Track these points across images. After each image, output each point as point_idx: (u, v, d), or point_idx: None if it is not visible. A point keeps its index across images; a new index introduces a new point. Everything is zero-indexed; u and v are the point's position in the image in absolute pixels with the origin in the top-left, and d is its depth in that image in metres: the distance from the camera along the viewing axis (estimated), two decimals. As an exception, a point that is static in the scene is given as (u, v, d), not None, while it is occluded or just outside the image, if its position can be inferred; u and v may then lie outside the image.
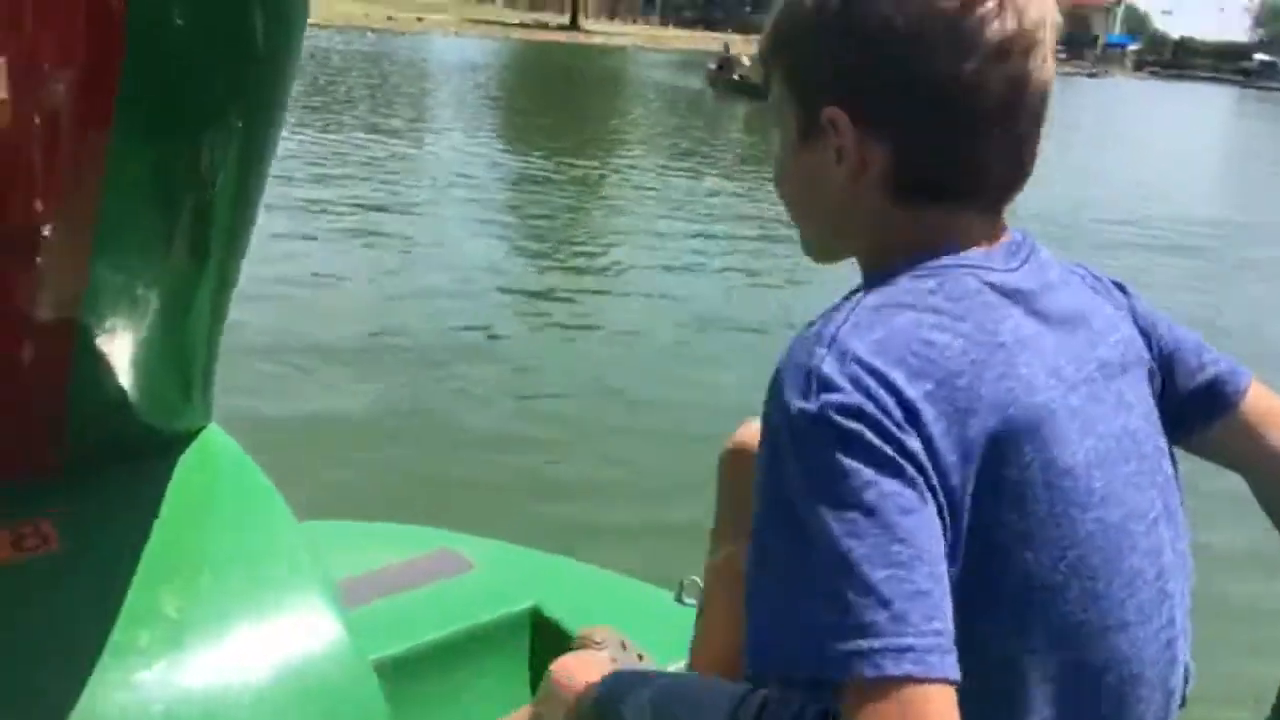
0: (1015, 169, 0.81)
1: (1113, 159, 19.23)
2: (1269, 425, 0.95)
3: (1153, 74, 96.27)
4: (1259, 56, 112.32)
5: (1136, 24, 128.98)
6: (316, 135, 12.17)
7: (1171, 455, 0.89)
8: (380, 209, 8.24)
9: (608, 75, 32.45)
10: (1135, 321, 0.92)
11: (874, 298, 0.78)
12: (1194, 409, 0.93)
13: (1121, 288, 0.94)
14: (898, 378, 0.71)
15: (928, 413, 0.71)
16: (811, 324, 0.77)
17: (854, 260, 0.89)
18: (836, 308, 0.78)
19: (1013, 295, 0.80)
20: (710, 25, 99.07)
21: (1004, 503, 0.73)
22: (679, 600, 1.88)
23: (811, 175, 0.85)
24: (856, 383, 0.70)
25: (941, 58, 0.76)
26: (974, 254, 0.81)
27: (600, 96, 23.67)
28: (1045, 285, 0.83)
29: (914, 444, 0.70)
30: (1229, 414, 0.94)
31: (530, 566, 2.03)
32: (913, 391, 0.71)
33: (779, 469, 0.70)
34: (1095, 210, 11.57)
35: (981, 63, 0.76)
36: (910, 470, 0.69)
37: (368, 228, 7.64)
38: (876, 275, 0.81)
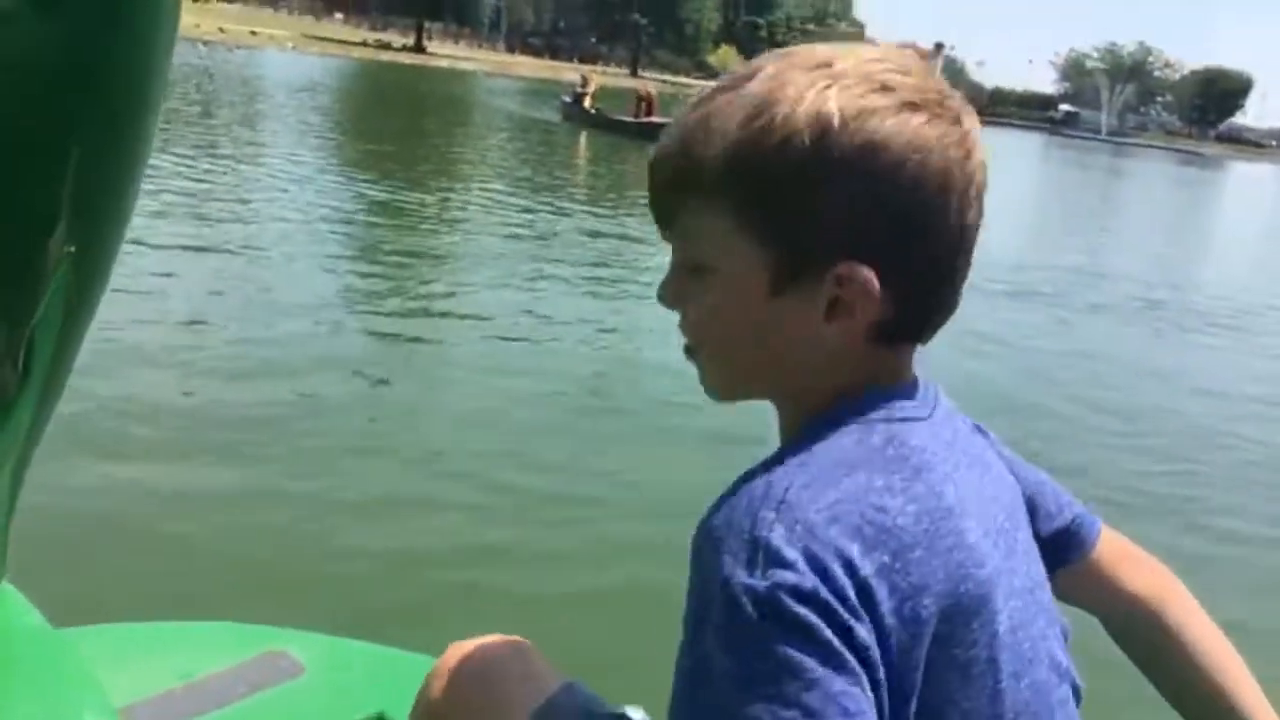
0: (955, 302, 0.80)
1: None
2: (1122, 570, 0.99)
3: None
4: (1064, 107, 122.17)
5: (954, 74, 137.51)
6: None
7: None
8: (207, 248, 7.62)
9: (457, 102, 32.11)
10: (1002, 459, 0.91)
11: (823, 453, 0.72)
12: (1052, 553, 0.92)
13: (980, 429, 0.91)
14: (853, 552, 0.66)
15: (881, 590, 0.66)
16: (747, 477, 0.71)
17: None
18: (778, 460, 0.73)
19: (945, 448, 0.77)
20: (555, 54, 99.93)
21: (952, 683, 0.71)
22: None
23: (779, 323, 0.76)
24: (811, 559, 0.65)
25: (952, 208, 0.74)
26: (907, 404, 0.78)
27: (454, 126, 23.10)
28: (954, 430, 0.82)
29: (864, 634, 0.65)
30: (1085, 558, 0.97)
31: (374, 665, 1.84)
32: (868, 567, 0.66)
33: (705, 648, 0.65)
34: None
35: (971, 206, 0.76)
36: (857, 666, 0.64)
37: (192, 266, 7.08)
38: (819, 420, 0.76)
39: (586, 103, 24.98)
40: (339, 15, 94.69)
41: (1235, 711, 0.92)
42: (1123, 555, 1.00)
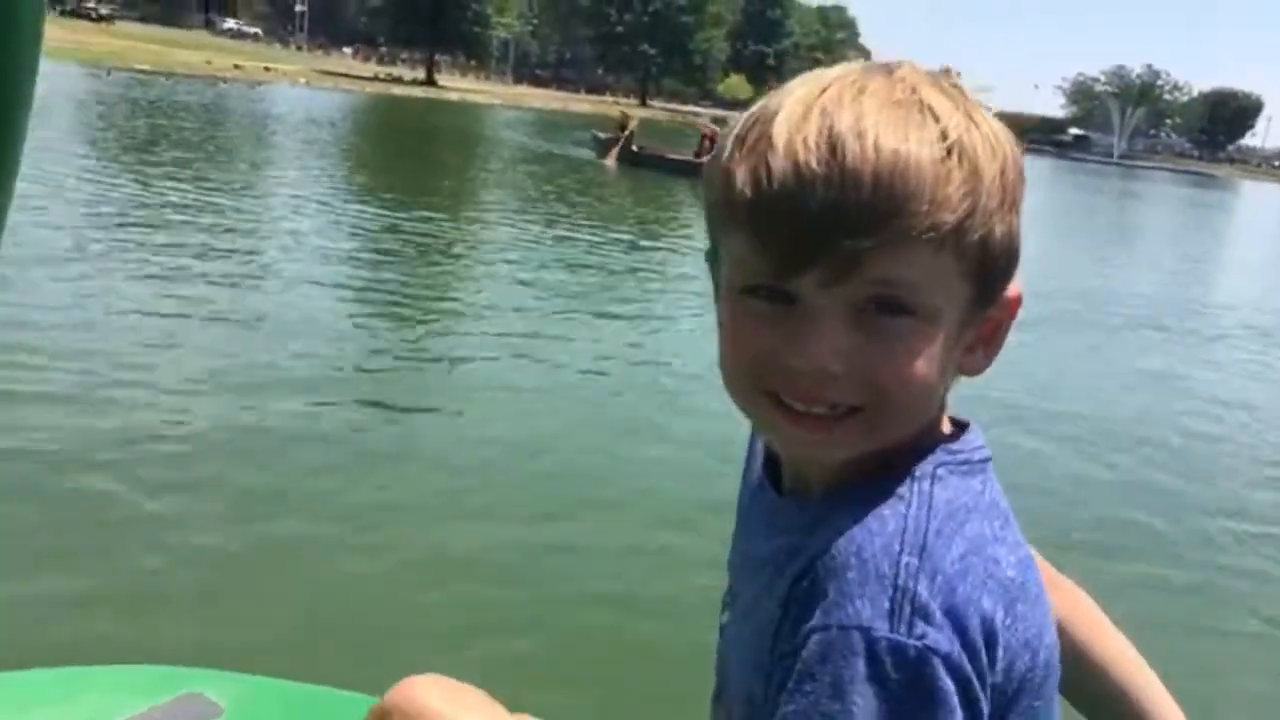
0: None
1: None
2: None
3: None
4: (1073, 130, 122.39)
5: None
6: (148, 188, 11.48)
7: None
8: (225, 282, 7.54)
9: (477, 137, 32.02)
10: None
11: (943, 494, 0.71)
12: None
13: None
14: (986, 608, 0.66)
15: (1002, 644, 0.67)
16: (874, 514, 0.69)
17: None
18: (893, 496, 0.70)
19: (999, 493, 0.77)
20: (562, 85, 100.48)
21: None
22: None
23: (952, 363, 0.74)
24: (954, 618, 0.64)
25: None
26: (975, 440, 0.78)
27: (480, 161, 22.85)
28: None
29: (984, 705, 0.65)
30: None
31: (292, 703, 1.82)
32: (997, 621, 0.67)
33: (818, 698, 0.63)
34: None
35: None
36: None
37: (208, 298, 6.96)
38: (907, 454, 0.73)
39: (626, 141, 23.70)
40: (347, 50, 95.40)
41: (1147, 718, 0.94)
42: (1049, 578, 0.99)
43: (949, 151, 0.68)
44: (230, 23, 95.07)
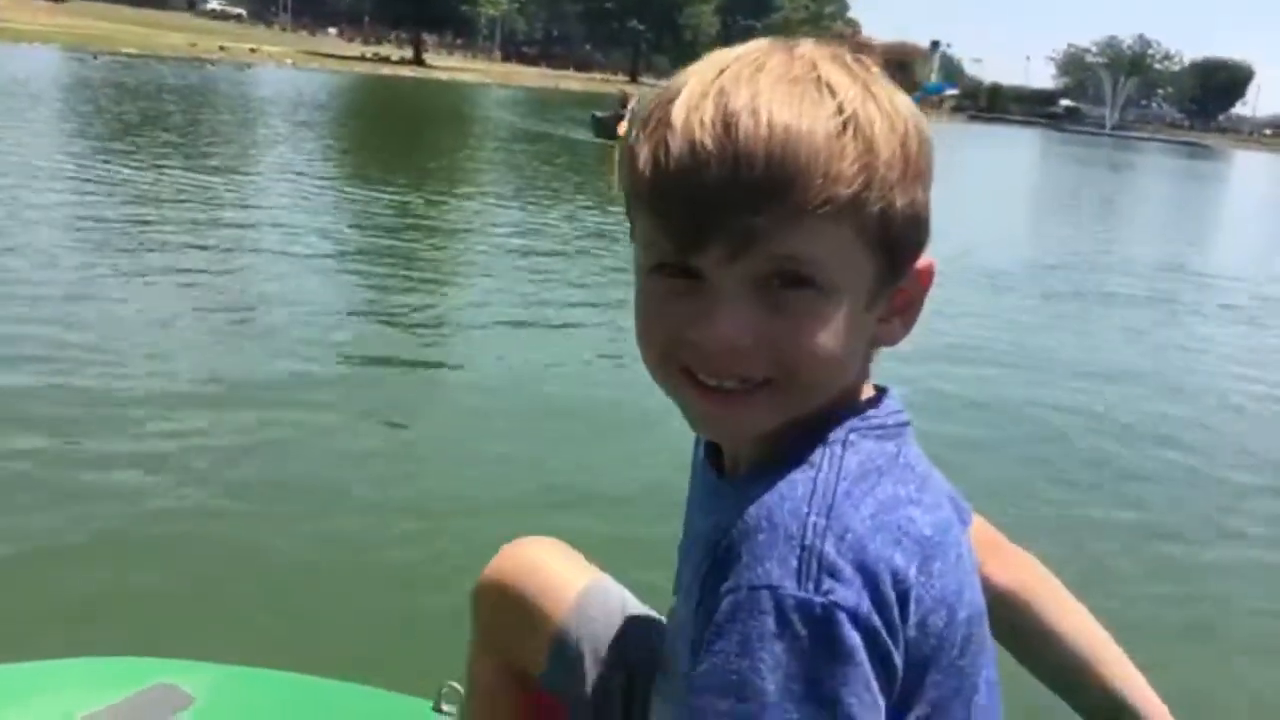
0: None
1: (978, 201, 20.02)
2: (992, 560, 0.98)
3: (972, 118, 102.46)
4: (1064, 102, 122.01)
5: (951, 71, 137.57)
6: (137, 172, 11.21)
7: None
8: (223, 266, 7.37)
9: (469, 116, 31.63)
10: None
11: (854, 457, 0.72)
12: None
13: None
14: (898, 563, 0.67)
15: (913, 603, 0.68)
16: (786, 479, 0.70)
17: None
18: (807, 460, 0.71)
19: (920, 457, 0.78)
20: (551, 62, 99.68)
21: (950, 697, 0.73)
22: (437, 709, 1.71)
23: (863, 335, 0.75)
24: (864, 573, 0.65)
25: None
26: (893, 405, 0.79)
27: (478, 142, 22.48)
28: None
29: (897, 659, 0.67)
30: None
31: (263, 691, 1.83)
32: (910, 576, 0.68)
33: (726, 654, 0.64)
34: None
35: None
36: (882, 700, 0.66)
37: (205, 282, 6.78)
38: (822, 421, 0.74)
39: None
40: (332, 30, 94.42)
41: (1104, 685, 0.96)
42: (991, 545, 1.00)
43: (844, 126, 0.68)
44: (213, 4, 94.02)
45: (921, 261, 0.76)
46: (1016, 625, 1.00)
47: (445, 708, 1.72)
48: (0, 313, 5.57)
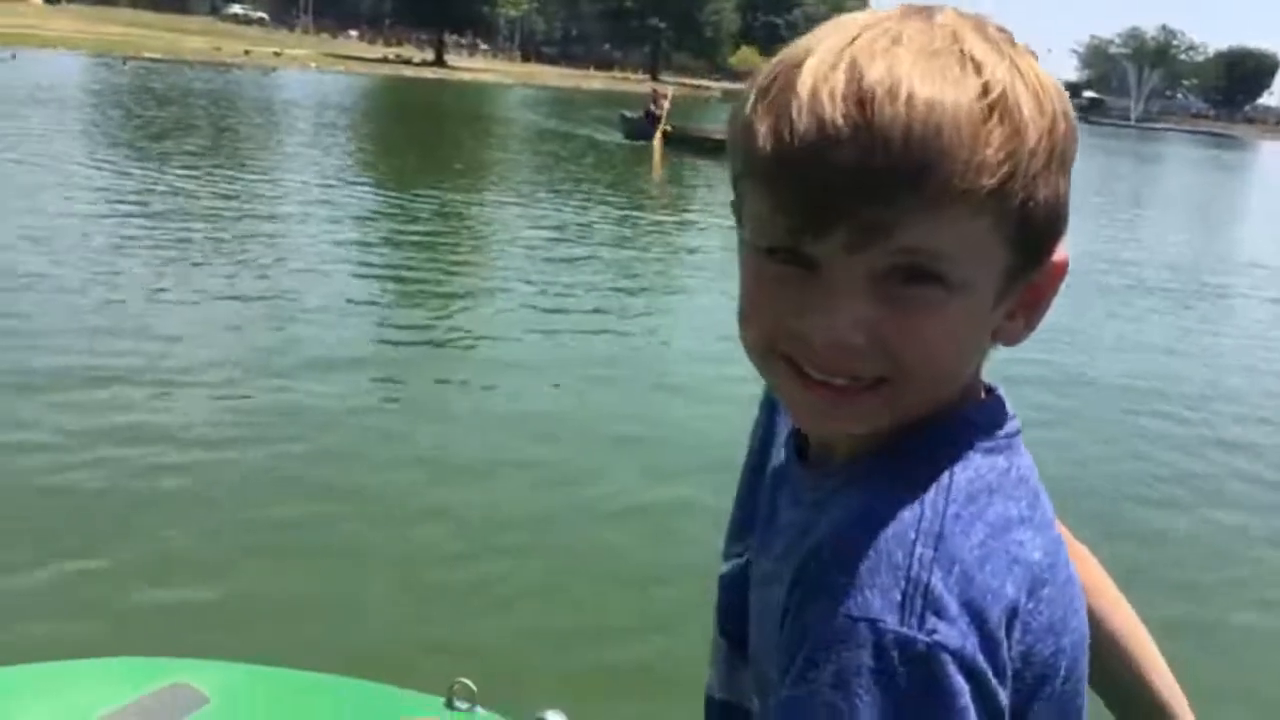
0: None
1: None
2: None
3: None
4: (1087, 94, 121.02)
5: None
6: (177, 175, 11.26)
7: None
8: (245, 295, 7.22)
9: (490, 118, 31.63)
10: None
11: (963, 474, 0.66)
12: None
13: None
14: (1009, 595, 0.62)
15: (1021, 629, 0.63)
16: (888, 494, 0.65)
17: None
18: (915, 477, 0.65)
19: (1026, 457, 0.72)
20: (570, 61, 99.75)
21: (1047, 713, 0.67)
22: (449, 706, 1.72)
23: (986, 335, 0.69)
24: (971, 610, 0.60)
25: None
26: (1005, 413, 0.72)
27: (496, 143, 22.59)
28: None
29: (1004, 700, 0.62)
30: None
31: (277, 689, 1.83)
32: (1020, 606, 0.63)
33: (819, 688, 0.60)
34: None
35: None
36: None
37: (239, 282, 6.79)
38: (934, 430, 0.68)
39: (662, 120, 22.07)
40: (353, 33, 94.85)
41: (1150, 696, 0.94)
42: None
43: (990, 108, 0.61)
44: (235, 8, 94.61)
45: (1057, 254, 0.68)
46: None
47: (457, 704, 1.72)
48: (38, 299, 5.67)
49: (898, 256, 0.62)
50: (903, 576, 0.60)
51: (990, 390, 0.73)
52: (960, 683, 0.59)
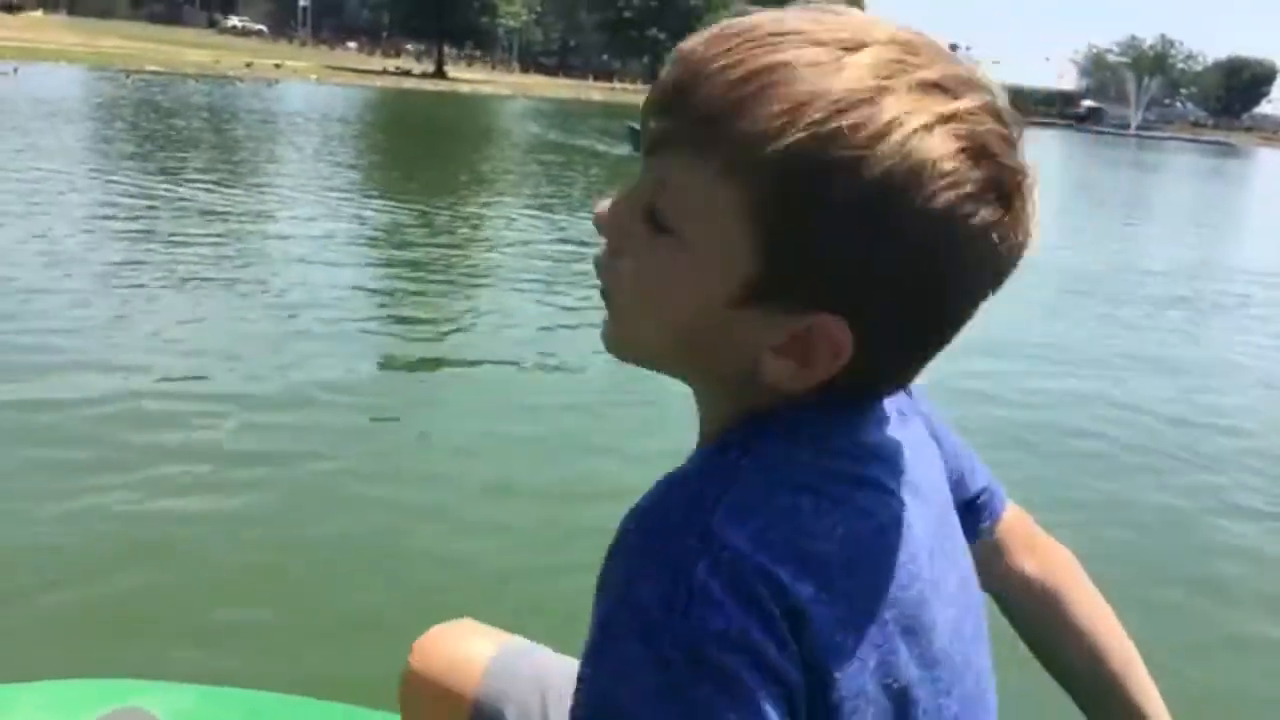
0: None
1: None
2: (1023, 549, 0.97)
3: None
4: (1086, 103, 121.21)
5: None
6: (178, 190, 11.05)
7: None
8: (256, 279, 7.19)
9: (493, 130, 31.50)
10: (927, 424, 0.83)
11: (751, 465, 0.65)
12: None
13: (916, 403, 0.83)
14: (784, 576, 0.61)
15: (816, 619, 0.62)
16: (670, 484, 0.65)
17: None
18: (701, 471, 0.66)
19: (879, 458, 0.70)
20: (568, 72, 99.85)
21: (889, 712, 0.66)
22: None
23: (722, 329, 0.66)
24: (738, 589, 0.59)
25: (973, 275, 0.63)
26: (844, 415, 0.70)
27: (500, 156, 22.49)
28: (899, 434, 0.73)
29: (793, 675, 0.61)
30: (990, 534, 0.94)
31: (231, 710, 1.80)
32: (802, 593, 0.61)
33: (606, 669, 0.60)
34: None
35: (993, 277, 0.64)
36: (779, 714, 0.60)
37: (246, 301, 6.61)
38: (748, 423, 0.68)
39: None
40: (352, 44, 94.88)
41: (1122, 695, 0.93)
42: (1025, 534, 0.99)
43: (799, 74, 0.59)
44: (234, 20, 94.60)
45: (836, 329, 0.63)
46: (1047, 626, 0.96)
47: None
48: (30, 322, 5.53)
49: (653, 181, 0.64)
50: (669, 565, 0.60)
51: (860, 400, 0.70)
52: (725, 656, 0.58)
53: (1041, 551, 0.98)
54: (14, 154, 12.89)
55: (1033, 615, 0.97)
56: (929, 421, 0.85)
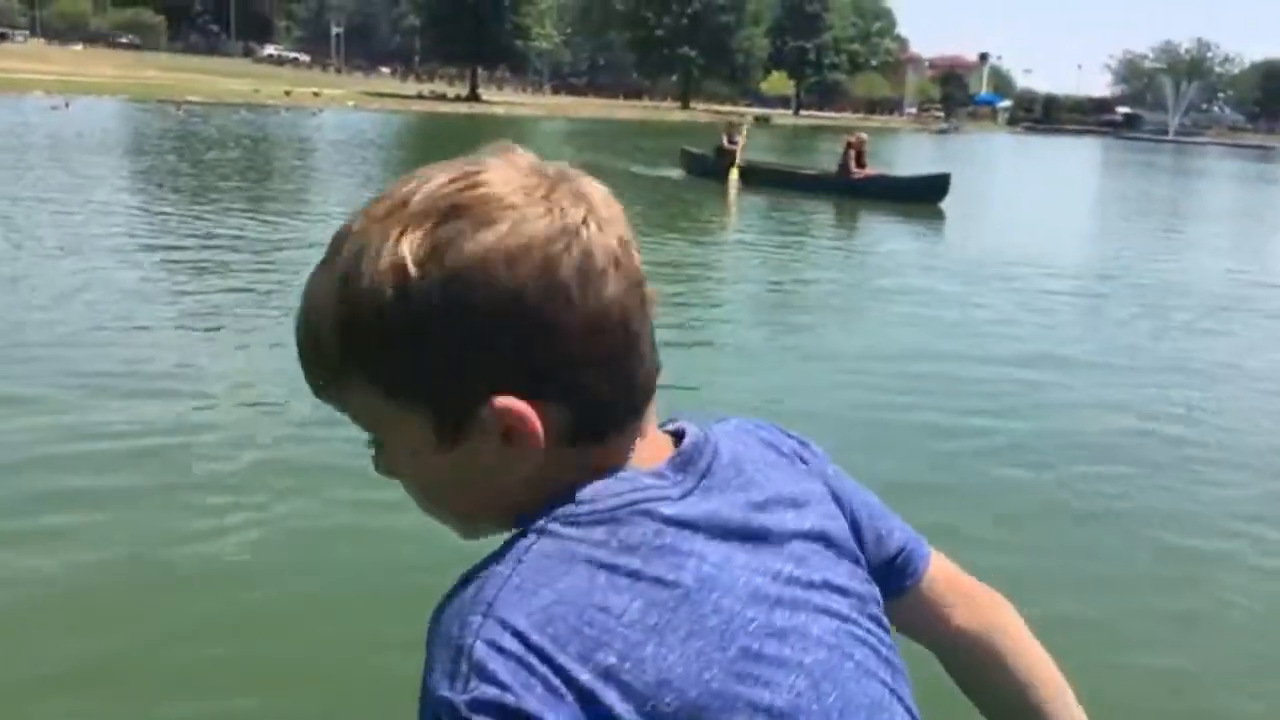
0: (652, 367, 0.75)
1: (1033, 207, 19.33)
2: (951, 600, 0.97)
3: (1028, 129, 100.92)
4: (1121, 109, 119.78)
5: (1001, 83, 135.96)
6: (230, 219, 11.13)
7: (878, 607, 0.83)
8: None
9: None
10: (826, 484, 0.87)
11: (538, 548, 0.68)
12: (879, 582, 0.86)
13: (807, 447, 0.89)
14: (567, 660, 0.63)
15: (610, 695, 0.63)
16: (465, 577, 0.68)
17: None
18: (495, 556, 0.69)
19: (692, 524, 0.72)
20: (599, 91, 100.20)
21: None
22: None
23: (466, 467, 0.72)
24: (517, 669, 0.62)
25: (574, 300, 0.68)
26: (644, 480, 0.73)
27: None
28: (729, 492, 0.76)
29: None
30: (914, 588, 0.95)
31: None
32: (587, 674, 0.63)
33: None
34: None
35: (605, 281, 0.69)
36: None
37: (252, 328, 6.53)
38: (537, 517, 0.71)
39: (739, 154, 20.03)
40: (385, 70, 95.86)
41: None
42: (952, 584, 0.99)
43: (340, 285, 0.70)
44: (270, 49, 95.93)
45: (498, 402, 0.69)
46: (972, 666, 0.97)
47: None
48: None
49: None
50: (454, 647, 0.63)
51: (642, 461, 0.73)
52: None
53: (973, 600, 0.98)
54: (87, 184, 13.03)
55: (964, 664, 0.97)
56: (830, 482, 0.86)
